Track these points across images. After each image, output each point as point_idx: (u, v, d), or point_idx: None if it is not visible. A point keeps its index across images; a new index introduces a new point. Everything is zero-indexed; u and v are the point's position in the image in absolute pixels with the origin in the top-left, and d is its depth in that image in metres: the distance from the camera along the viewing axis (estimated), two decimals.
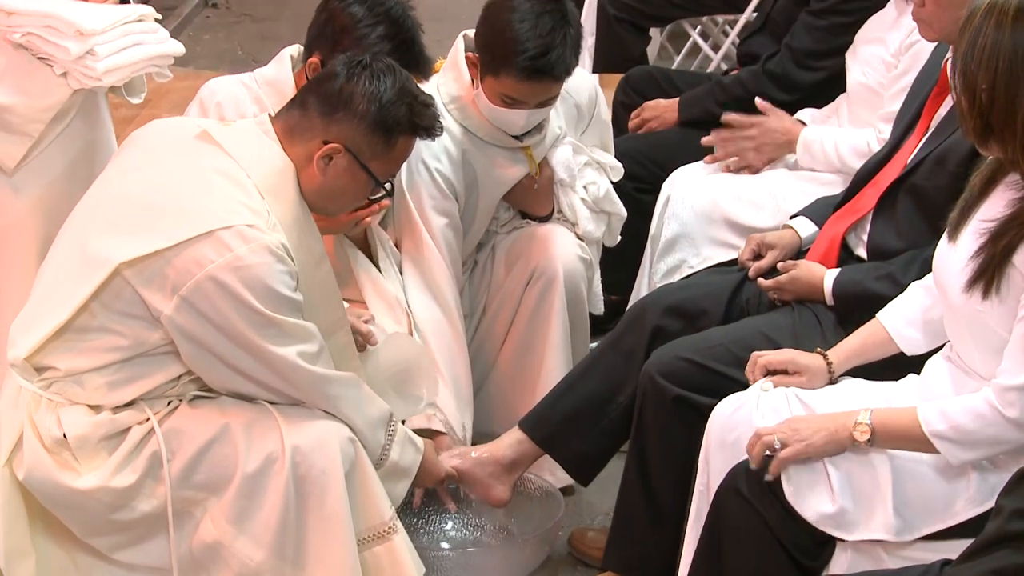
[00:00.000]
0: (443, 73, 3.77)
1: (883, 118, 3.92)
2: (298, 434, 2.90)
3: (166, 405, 2.94)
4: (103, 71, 3.19)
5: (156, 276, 2.80)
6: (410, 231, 3.69)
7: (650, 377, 3.30)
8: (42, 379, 2.90)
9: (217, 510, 2.91)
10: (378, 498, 2.99)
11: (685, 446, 3.22)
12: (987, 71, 2.63)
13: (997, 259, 2.68)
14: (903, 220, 3.32)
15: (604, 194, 3.93)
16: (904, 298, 3.08)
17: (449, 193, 3.70)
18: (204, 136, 2.95)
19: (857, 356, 3.08)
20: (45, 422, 2.88)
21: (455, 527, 3.63)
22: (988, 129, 2.66)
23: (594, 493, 3.81)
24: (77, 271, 2.87)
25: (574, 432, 3.49)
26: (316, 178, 2.95)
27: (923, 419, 2.74)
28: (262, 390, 2.93)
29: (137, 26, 3.30)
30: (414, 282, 3.68)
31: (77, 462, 2.88)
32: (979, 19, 2.65)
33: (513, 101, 3.59)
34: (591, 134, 3.97)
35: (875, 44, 4.05)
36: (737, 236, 3.99)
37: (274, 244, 2.82)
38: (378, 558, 2.99)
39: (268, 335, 2.84)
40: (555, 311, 3.78)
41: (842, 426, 2.80)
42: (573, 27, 3.54)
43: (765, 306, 3.45)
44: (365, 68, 2.96)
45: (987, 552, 2.31)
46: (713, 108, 4.40)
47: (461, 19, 4.93)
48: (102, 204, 2.96)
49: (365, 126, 2.94)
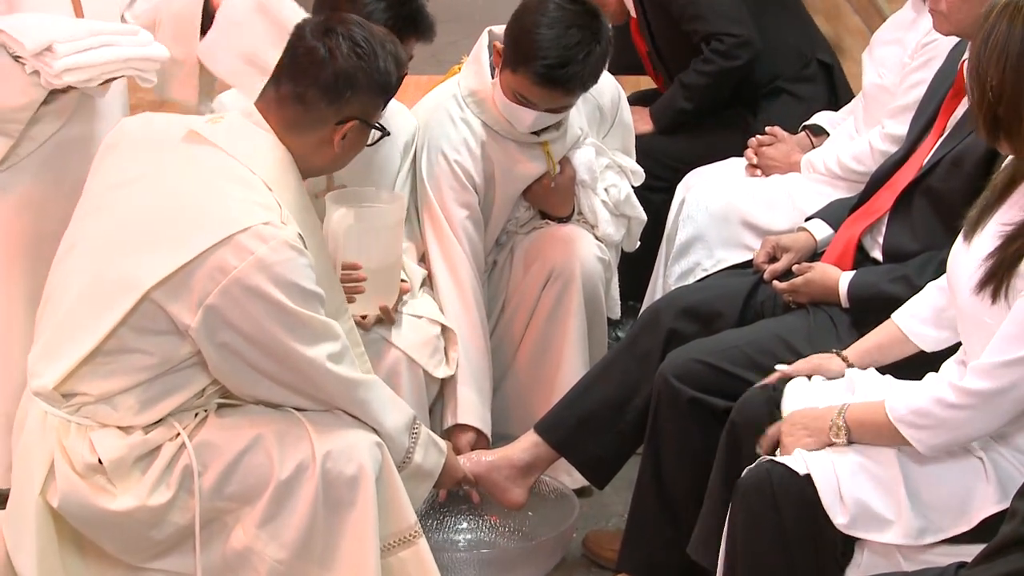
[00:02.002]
0: (465, 67, 3.81)
1: (890, 114, 3.92)
2: (328, 441, 2.90)
3: (194, 418, 2.93)
4: (61, 69, 3.17)
5: (182, 291, 2.78)
6: (433, 224, 3.72)
7: (665, 379, 3.30)
8: (70, 405, 2.87)
9: (249, 518, 2.91)
10: (403, 503, 2.99)
11: (700, 448, 3.22)
12: (997, 66, 2.64)
13: (1007, 264, 2.68)
14: (919, 222, 3.31)
15: (625, 198, 3.93)
16: (918, 297, 3.08)
17: (468, 185, 3.73)
18: (195, 137, 2.93)
19: (874, 354, 3.08)
20: (77, 448, 2.85)
21: (470, 528, 3.63)
22: (997, 124, 2.67)
23: (608, 495, 3.81)
24: (101, 297, 2.84)
25: (589, 435, 3.49)
26: (331, 153, 2.97)
27: (888, 407, 2.76)
28: (291, 395, 2.92)
29: (110, 26, 3.28)
30: (441, 274, 3.71)
31: (112, 484, 2.86)
32: (994, 16, 2.67)
33: (524, 100, 3.61)
34: (613, 137, 3.98)
35: (892, 45, 4.05)
36: (753, 237, 3.99)
37: (292, 238, 2.81)
38: (404, 563, 3.00)
39: (299, 335, 2.83)
40: (573, 312, 3.79)
41: (822, 428, 2.84)
42: (600, 45, 3.54)
43: (780, 308, 3.45)
44: (338, 36, 2.94)
45: (1002, 555, 2.31)
46: (682, 105, 4.49)
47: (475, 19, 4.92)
48: (112, 224, 2.90)
49: (373, 94, 2.97)
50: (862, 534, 2.77)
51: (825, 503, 2.76)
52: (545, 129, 3.75)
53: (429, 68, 3.35)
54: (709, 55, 4.42)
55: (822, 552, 2.81)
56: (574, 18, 3.52)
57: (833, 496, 2.77)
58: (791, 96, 4.54)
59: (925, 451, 2.75)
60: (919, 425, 2.73)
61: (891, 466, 2.79)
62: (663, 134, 4.51)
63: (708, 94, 4.46)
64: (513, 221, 3.91)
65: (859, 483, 2.77)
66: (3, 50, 3.21)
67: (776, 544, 2.81)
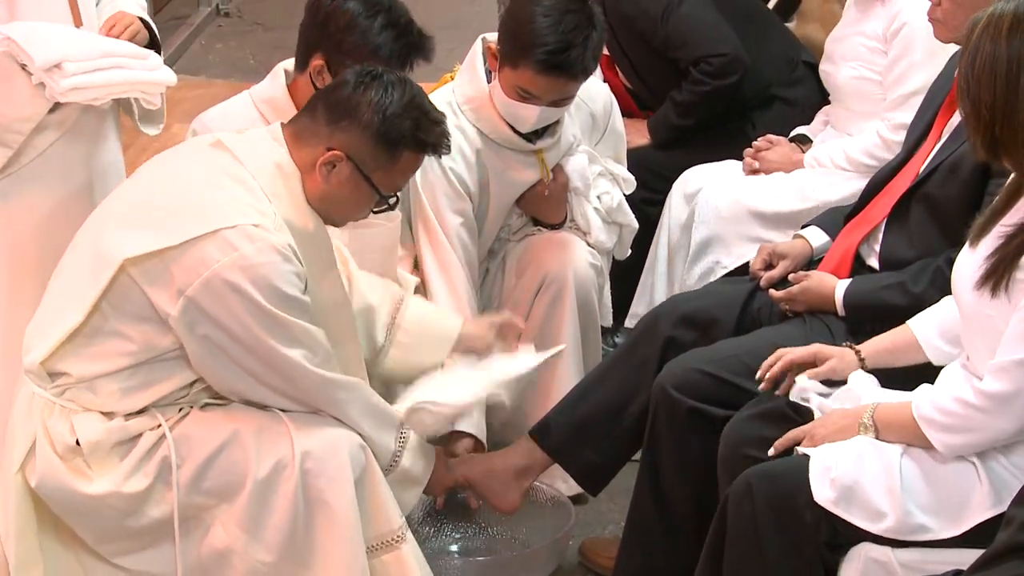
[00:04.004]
0: (459, 75, 3.81)
1: (890, 105, 3.95)
2: (308, 440, 2.90)
3: (177, 412, 2.94)
4: (68, 87, 3.18)
5: (162, 275, 2.81)
6: (427, 231, 3.72)
7: (663, 390, 3.30)
8: (55, 385, 2.91)
9: (228, 516, 2.92)
10: (388, 506, 2.99)
11: (698, 457, 3.22)
12: (987, 86, 2.65)
13: (1008, 259, 2.69)
14: (916, 229, 3.31)
15: (617, 205, 3.93)
16: (939, 308, 3.07)
17: (463, 192, 3.73)
18: (218, 144, 2.97)
19: (887, 357, 3.08)
20: (58, 429, 2.89)
21: (466, 535, 3.63)
22: (995, 143, 2.67)
23: (605, 502, 3.81)
24: (88, 272, 2.88)
25: (585, 441, 3.48)
26: (319, 185, 2.95)
27: (914, 405, 2.78)
28: (270, 393, 2.93)
29: (121, 48, 3.29)
30: (436, 282, 3.70)
31: (89, 468, 2.89)
32: (976, 36, 2.68)
33: (528, 95, 3.61)
34: (605, 145, 3.98)
35: (849, 39, 4.11)
36: (766, 228, 4.02)
37: (280, 244, 2.83)
38: (386, 566, 3.00)
39: (276, 335, 2.84)
40: (566, 318, 3.79)
41: (852, 426, 2.85)
42: (597, 30, 3.58)
43: (777, 316, 3.45)
44: (375, 79, 2.96)
45: (998, 563, 2.32)
46: (677, 122, 4.49)
47: (472, 26, 4.94)
48: (116, 207, 2.98)
49: (368, 136, 2.93)
50: (845, 515, 2.76)
51: (812, 479, 2.77)
52: (540, 137, 3.75)
53: (424, 76, 3.36)
54: (700, 76, 4.42)
55: (813, 556, 2.82)
56: (568, 4, 3.55)
57: (822, 475, 2.77)
58: (784, 102, 4.55)
59: (945, 451, 2.76)
60: (941, 424, 2.75)
61: (892, 460, 2.79)
62: (659, 149, 4.52)
63: (702, 112, 4.47)
64: (505, 229, 3.92)
65: (857, 470, 2.77)
66: (11, 59, 3.21)
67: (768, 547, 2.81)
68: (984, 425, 2.72)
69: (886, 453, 2.80)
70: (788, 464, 2.87)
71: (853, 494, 2.76)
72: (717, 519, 2.90)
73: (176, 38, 7.13)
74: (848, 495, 2.76)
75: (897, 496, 2.76)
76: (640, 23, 4.44)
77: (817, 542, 2.80)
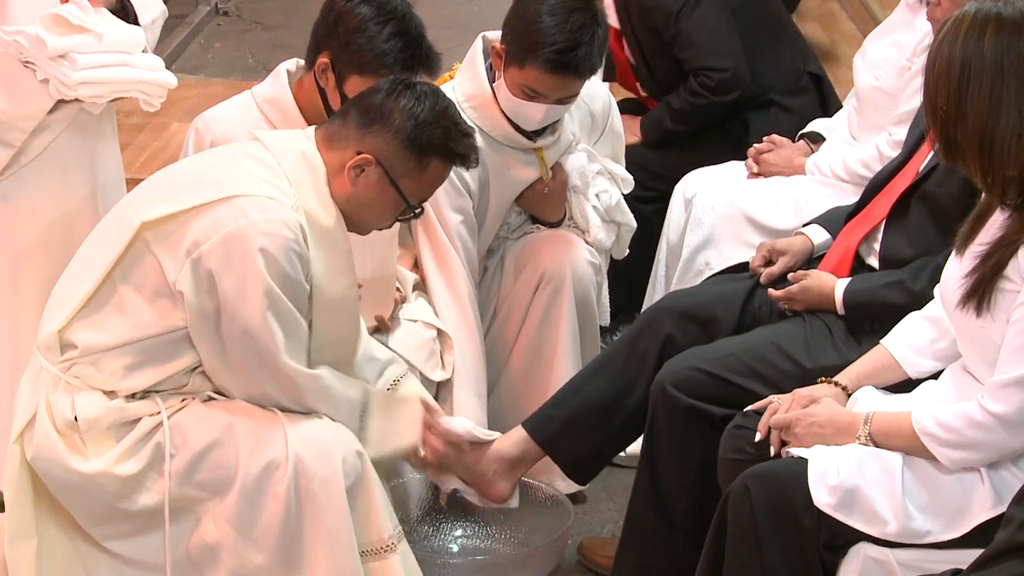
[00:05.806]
0: (459, 73, 3.82)
1: (895, 120, 3.93)
2: (303, 442, 2.91)
3: (179, 401, 2.96)
4: (78, 81, 3.16)
5: (174, 236, 2.85)
6: (427, 229, 3.72)
7: (662, 388, 3.30)
8: (63, 360, 2.93)
9: (219, 511, 2.93)
10: (381, 515, 2.99)
11: (697, 456, 3.23)
12: (943, 88, 2.66)
13: (986, 279, 2.70)
14: (915, 228, 3.31)
15: (615, 204, 3.94)
16: (908, 326, 3.07)
17: (463, 190, 3.73)
18: (253, 137, 3.05)
19: (869, 380, 3.07)
20: (60, 403, 2.92)
21: (465, 534, 3.63)
22: (952, 146, 2.68)
23: (604, 502, 3.82)
24: (109, 241, 2.93)
25: (576, 434, 3.48)
26: (346, 187, 2.97)
27: (915, 419, 2.77)
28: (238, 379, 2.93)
29: (128, 44, 3.28)
30: (435, 280, 3.70)
31: (84, 445, 2.91)
32: (940, 36, 2.69)
33: (534, 94, 3.62)
34: (604, 144, 3.98)
35: (886, 46, 4.07)
36: (759, 235, 4.01)
37: (291, 220, 2.86)
38: (373, 574, 2.99)
39: (262, 304, 2.84)
40: (564, 316, 3.79)
41: (849, 434, 2.85)
42: (602, 28, 3.61)
43: (776, 314, 3.45)
44: (409, 87, 3.01)
45: (997, 562, 2.32)
46: (671, 127, 4.52)
47: (471, 27, 4.94)
48: (144, 189, 3.03)
49: (399, 142, 2.97)
50: (847, 520, 2.76)
51: (811, 484, 2.77)
52: (540, 135, 3.76)
53: None
54: (698, 88, 4.45)
55: (812, 557, 2.82)
56: (573, 2, 3.57)
57: (820, 479, 2.77)
58: (781, 108, 4.55)
59: (949, 465, 2.76)
60: (944, 440, 2.74)
61: (892, 464, 2.79)
62: (650, 148, 4.53)
63: (697, 122, 4.51)
64: (505, 227, 3.92)
65: (858, 475, 2.77)
66: (15, 57, 3.20)
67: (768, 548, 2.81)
68: (989, 443, 2.72)
69: (886, 456, 2.80)
70: (786, 466, 2.86)
71: (854, 499, 2.76)
72: (716, 520, 2.90)
73: (175, 37, 7.13)
74: (849, 500, 2.76)
75: (898, 500, 2.75)
76: (655, 15, 4.47)
77: (816, 544, 2.80)
